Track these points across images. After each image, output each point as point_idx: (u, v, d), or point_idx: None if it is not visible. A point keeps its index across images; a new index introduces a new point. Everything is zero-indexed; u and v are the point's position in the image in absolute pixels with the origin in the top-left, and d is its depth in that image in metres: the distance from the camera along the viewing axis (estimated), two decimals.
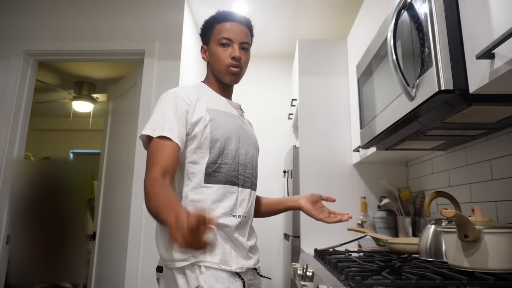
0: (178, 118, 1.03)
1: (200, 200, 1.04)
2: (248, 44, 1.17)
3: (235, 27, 1.14)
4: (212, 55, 1.16)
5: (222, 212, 1.04)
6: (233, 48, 1.13)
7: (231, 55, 1.12)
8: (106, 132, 2.72)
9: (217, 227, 1.03)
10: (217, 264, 1.00)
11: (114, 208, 2.39)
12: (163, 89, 2.29)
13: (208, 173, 1.05)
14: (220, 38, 1.13)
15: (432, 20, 0.93)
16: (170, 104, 1.05)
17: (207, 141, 1.05)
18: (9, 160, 2.23)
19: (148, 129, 1.02)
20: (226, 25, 1.14)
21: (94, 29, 2.41)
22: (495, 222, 0.93)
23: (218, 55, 1.13)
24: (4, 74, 2.31)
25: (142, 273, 2.07)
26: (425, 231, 1.24)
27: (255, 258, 1.13)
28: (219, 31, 1.14)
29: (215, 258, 1.00)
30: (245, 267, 1.06)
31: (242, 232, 1.09)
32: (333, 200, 1.24)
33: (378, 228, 1.95)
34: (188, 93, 1.09)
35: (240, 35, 1.15)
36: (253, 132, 1.27)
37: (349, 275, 0.89)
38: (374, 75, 1.43)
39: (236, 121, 1.15)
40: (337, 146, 2.21)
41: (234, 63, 1.12)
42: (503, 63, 0.73)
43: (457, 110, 0.97)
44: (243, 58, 1.14)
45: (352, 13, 2.65)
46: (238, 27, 1.15)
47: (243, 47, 1.15)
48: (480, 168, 1.35)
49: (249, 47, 1.19)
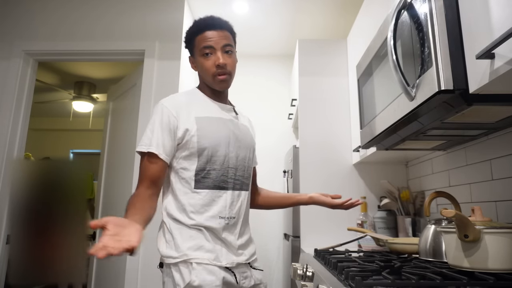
0: (165, 131, 1.11)
1: (191, 204, 1.12)
2: (230, 45, 1.19)
3: (214, 34, 1.16)
4: (199, 66, 1.20)
5: (210, 215, 1.11)
6: (216, 56, 1.15)
7: (215, 63, 1.15)
8: (106, 132, 2.73)
9: (206, 229, 1.12)
10: (208, 260, 1.07)
11: (114, 208, 2.39)
12: (163, 89, 2.30)
13: (197, 180, 1.13)
14: (202, 49, 1.16)
15: (432, 20, 0.93)
16: (158, 118, 1.13)
17: (195, 149, 1.12)
18: (9, 160, 2.23)
19: (140, 146, 1.12)
20: (205, 34, 1.16)
21: (94, 29, 2.41)
22: (495, 222, 0.93)
23: (203, 66, 1.17)
24: (4, 74, 2.31)
25: (142, 273, 2.07)
26: (425, 231, 1.24)
27: (247, 253, 1.18)
28: (199, 42, 1.17)
29: (206, 255, 1.08)
30: (236, 262, 1.12)
31: (232, 231, 1.15)
32: (339, 196, 1.36)
33: (378, 228, 1.95)
34: (176, 104, 1.15)
35: (220, 40, 1.16)
36: (249, 131, 1.29)
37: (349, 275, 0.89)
38: (374, 75, 1.43)
39: (227, 126, 1.19)
40: (337, 146, 2.21)
41: (220, 71, 1.16)
42: (503, 63, 0.73)
43: (457, 110, 0.97)
44: (228, 62, 1.17)
45: (352, 13, 2.65)
46: (217, 33, 1.17)
47: (226, 51, 1.17)
48: (480, 168, 1.35)
49: (233, 48, 1.20)
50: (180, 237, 1.10)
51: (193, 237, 1.10)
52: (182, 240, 1.09)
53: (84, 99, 4.23)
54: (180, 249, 1.08)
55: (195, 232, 1.10)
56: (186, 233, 1.10)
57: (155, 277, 2.06)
